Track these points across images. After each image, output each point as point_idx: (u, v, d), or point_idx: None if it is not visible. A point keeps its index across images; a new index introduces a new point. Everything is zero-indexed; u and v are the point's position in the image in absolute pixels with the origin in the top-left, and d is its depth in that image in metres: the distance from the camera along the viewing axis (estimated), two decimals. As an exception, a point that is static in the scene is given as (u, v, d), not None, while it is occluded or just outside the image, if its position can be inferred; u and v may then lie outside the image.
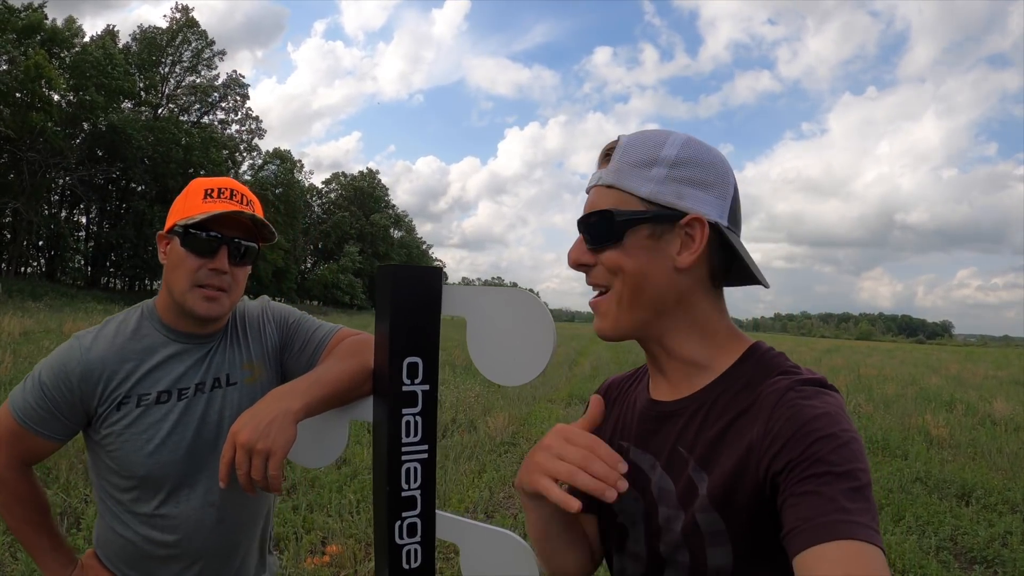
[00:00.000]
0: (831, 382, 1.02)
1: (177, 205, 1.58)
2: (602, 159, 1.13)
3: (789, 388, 0.98)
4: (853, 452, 0.87)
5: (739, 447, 0.98)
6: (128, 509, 1.57)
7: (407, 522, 1.27)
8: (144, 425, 1.53)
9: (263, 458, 1.19)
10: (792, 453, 0.89)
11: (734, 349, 1.10)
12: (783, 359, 1.08)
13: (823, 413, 0.92)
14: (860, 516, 0.81)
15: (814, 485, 0.84)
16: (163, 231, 1.59)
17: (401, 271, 1.20)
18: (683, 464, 1.06)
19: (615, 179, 1.07)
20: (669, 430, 1.11)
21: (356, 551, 4.67)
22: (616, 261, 1.06)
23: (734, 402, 1.03)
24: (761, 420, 0.96)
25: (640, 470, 1.14)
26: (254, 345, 1.68)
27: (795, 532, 0.83)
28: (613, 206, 1.06)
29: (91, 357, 1.52)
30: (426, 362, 1.23)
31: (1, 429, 1.54)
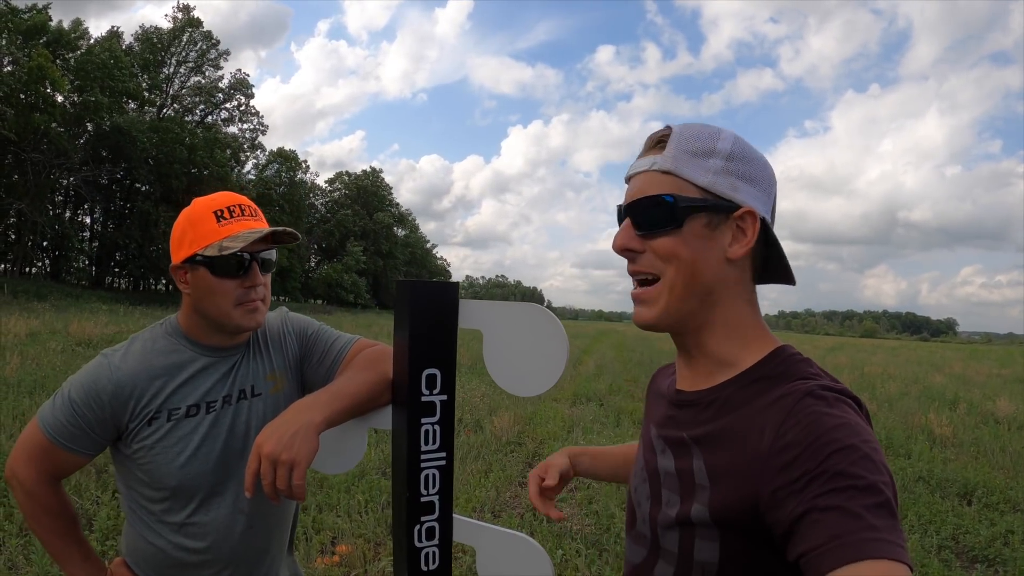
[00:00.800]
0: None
1: (188, 234, 1.58)
2: (652, 146, 1.10)
3: (807, 393, 0.95)
4: (875, 464, 0.84)
5: (745, 447, 0.97)
6: (159, 519, 1.62)
7: (426, 526, 1.33)
8: (175, 438, 1.58)
9: (287, 468, 1.24)
10: (808, 464, 0.86)
11: (760, 348, 1.09)
12: (807, 364, 1.05)
13: (842, 423, 0.89)
14: (888, 533, 0.78)
15: (839, 500, 0.81)
16: (176, 263, 1.60)
17: (419, 286, 1.26)
18: (687, 452, 1.07)
19: (673, 165, 1.05)
20: (683, 418, 1.12)
21: (365, 551, 4.72)
22: (672, 248, 1.05)
23: (748, 400, 1.03)
24: (774, 423, 0.94)
25: (652, 452, 1.17)
26: (276, 357, 1.74)
27: (821, 550, 0.80)
28: (666, 191, 1.05)
29: (121, 375, 1.56)
30: (444, 373, 1.30)
31: (31, 445, 1.59)
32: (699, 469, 1.03)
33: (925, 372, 23.44)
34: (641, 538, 1.16)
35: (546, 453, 7.96)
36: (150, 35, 52.85)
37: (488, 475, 6.85)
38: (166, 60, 53.69)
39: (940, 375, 22.31)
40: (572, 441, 8.60)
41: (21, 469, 1.60)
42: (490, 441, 8.30)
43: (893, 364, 27.34)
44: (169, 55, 53.72)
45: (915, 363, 29.49)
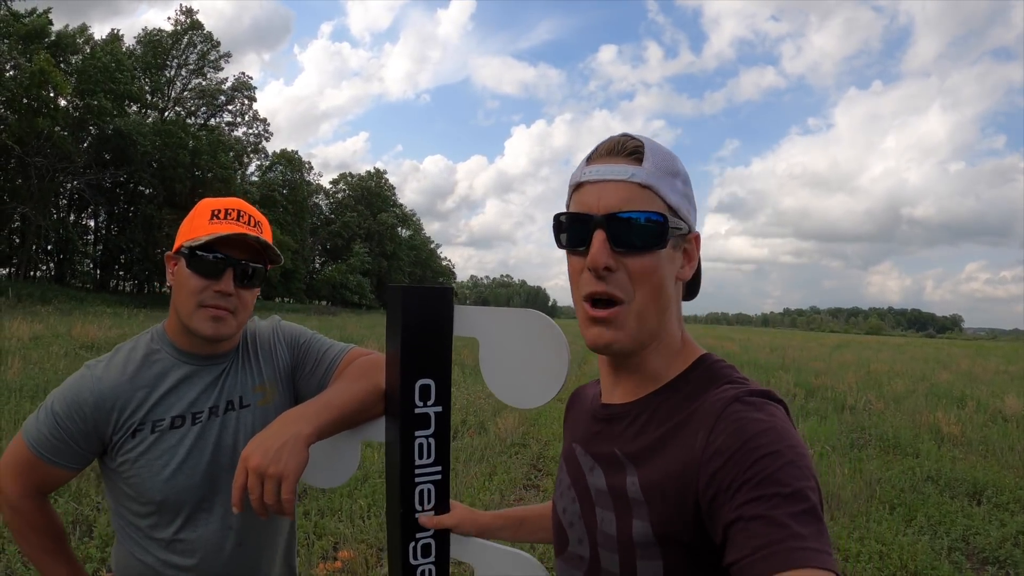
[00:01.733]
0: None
1: (184, 226, 1.57)
2: (623, 154, 1.04)
3: (734, 399, 0.95)
4: (801, 470, 0.84)
5: (677, 458, 0.96)
6: (147, 535, 1.57)
7: (421, 543, 1.28)
8: (159, 451, 1.53)
9: (275, 482, 1.19)
10: (736, 470, 0.86)
11: (686, 358, 1.09)
12: (731, 370, 1.06)
13: (769, 428, 0.89)
14: (814, 541, 0.78)
15: (763, 508, 0.81)
16: (170, 252, 1.58)
17: (410, 292, 1.21)
18: (619, 467, 1.04)
19: (655, 181, 1.02)
20: (610, 433, 1.10)
21: (368, 556, 4.68)
22: (649, 268, 1.02)
23: (676, 409, 1.02)
24: (703, 430, 0.94)
25: (580, 470, 1.14)
26: (266, 366, 1.68)
27: (748, 561, 0.80)
28: (653, 208, 1.01)
29: (103, 387, 1.51)
30: (438, 384, 1.24)
31: (16, 459, 1.55)
32: (632, 484, 1.01)
33: (931, 369, 23.35)
34: (576, 559, 1.12)
35: (551, 454, 7.94)
36: (152, 37, 52.93)
37: (492, 478, 6.83)
38: (167, 63, 53.78)
39: (947, 372, 22.22)
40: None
41: (7, 483, 1.56)
42: (494, 443, 8.28)
43: (899, 361, 27.25)
44: (170, 58, 53.82)
45: (921, 360, 29.41)
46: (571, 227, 1.06)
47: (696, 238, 1.09)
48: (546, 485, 6.87)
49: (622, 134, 1.07)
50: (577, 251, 1.06)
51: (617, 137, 1.07)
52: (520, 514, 1.48)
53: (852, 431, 10.22)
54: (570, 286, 1.10)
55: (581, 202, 1.05)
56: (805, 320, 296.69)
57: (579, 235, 1.04)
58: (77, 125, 42.63)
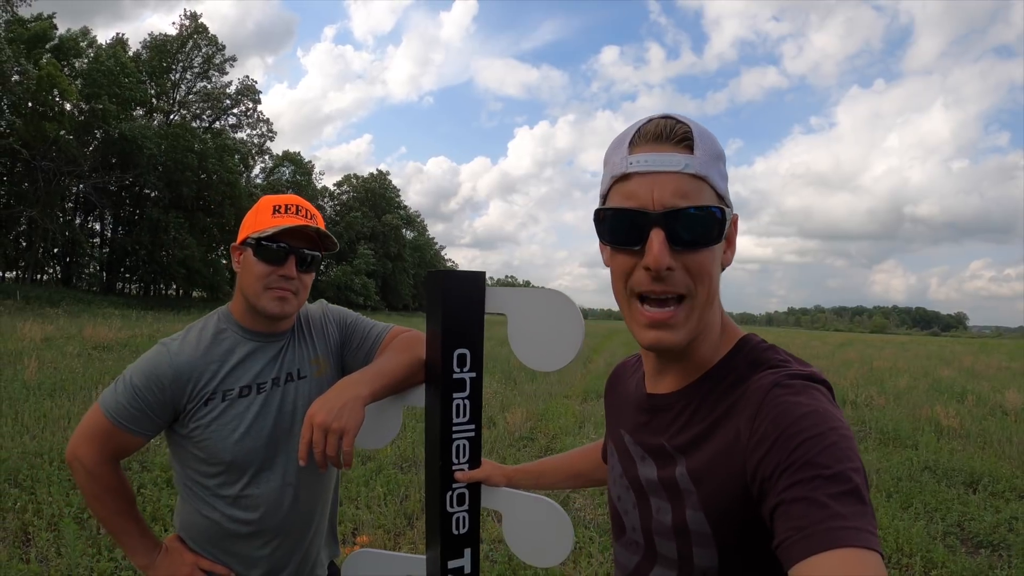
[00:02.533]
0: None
1: (248, 219, 1.78)
2: (674, 141, 0.98)
3: (775, 384, 0.94)
4: (843, 451, 0.83)
5: (724, 446, 0.96)
6: (214, 493, 1.78)
7: (457, 492, 1.48)
8: (229, 417, 1.73)
9: (337, 436, 1.40)
10: (779, 456, 0.86)
11: (727, 341, 1.08)
12: (773, 352, 1.04)
13: (810, 411, 0.88)
14: (855, 520, 0.77)
15: (804, 490, 0.81)
16: (236, 243, 1.80)
17: (450, 275, 1.41)
18: (669, 459, 1.06)
19: (707, 170, 0.97)
20: (658, 424, 1.10)
21: (385, 541, 4.86)
22: (707, 264, 0.98)
23: (721, 398, 1.01)
24: (746, 419, 0.94)
25: (631, 460, 1.17)
26: (319, 343, 1.89)
27: (789, 542, 0.80)
28: (709, 202, 0.97)
29: (180, 361, 1.71)
30: (473, 353, 1.44)
31: (95, 428, 1.73)
32: (682, 475, 1.02)
33: (934, 366, 23.45)
34: (633, 545, 1.16)
35: (558, 448, 8.07)
36: (157, 42, 53.06)
37: (502, 469, 6.92)
38: (172, 66, 53.91)
39: (949, 369, 22.30)
40: (583, 436, 8.72)
41: (83, 451, 1.74)
42: (503, 436, 8.43)
43: (902, 359, 27.32)
44: (175, 61, 53.94)
45: (924, 357, 29.46)
46: (620, 223, 1.00)
47: (735, 220, 1.06)
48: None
49: (665, 116, 1.01)
50: (629, 249, 1.00)
51: (661, 120, 1.00)
52: (539, 467, 1.68)
53: (852, 425, 10.26)
54: (613, 283, 1.06)
55: (630, 195, 0.98)
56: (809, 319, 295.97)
57: (631, 233, 0.99)
58: (83, 129, 42.76)
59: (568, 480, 1.67)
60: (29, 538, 4.62)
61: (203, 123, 56.16)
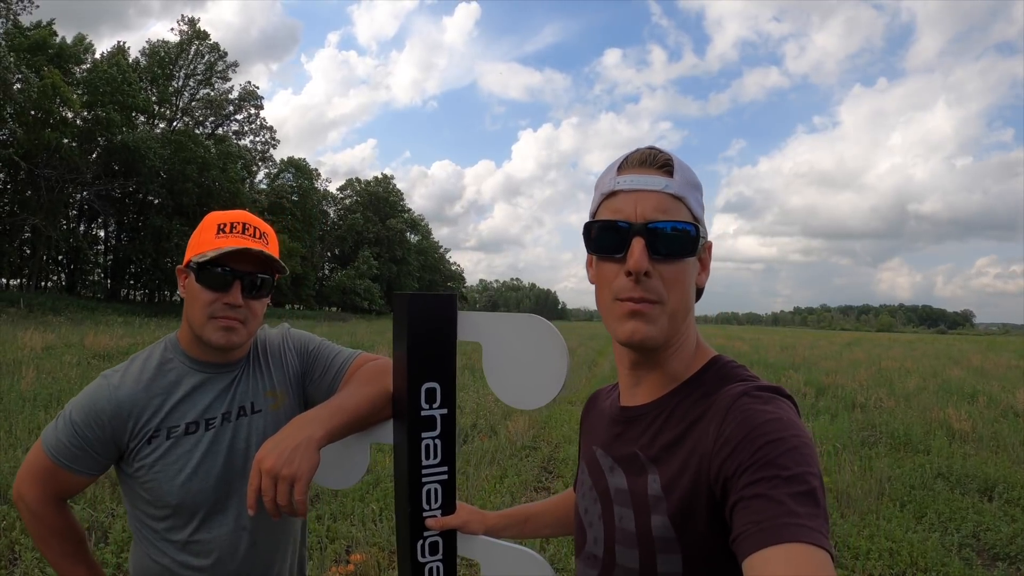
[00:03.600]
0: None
1: (192, 240, 1.62)
2: (655, 166, 1.09)
3: (743, 393, 1.00)
4: (803, 456, 0.88)
5: (692, 452, 1.00)
6: (163, 537, 1.62)
7: (429, 541, 1.33)
8: (174, 456, 1.58)
9: (288, 484, 1.25)
10: (742, 456, 0.90)
11: (699, 359, 1.14)
12: (742, 370, 1.11)
13: (774, 418, 0.93)
14: (808, 520, 0.81)
15: (763, 488, 0.85)
16: (181, 265, 1.63)
17: (416, 299, 1.25)
18: (639, 466, 1.09)
19: (685, 193, 1.08)
20: (631, 434, 1.14)
21: (380, 559, 4.72)
22: (681, 275, 1.07)
23: (692, 408, 1.06)
24: (714, 424, 0.98)
25: (600, 472, 1.18)
26: (276, 373, 1.73)
27: (744, 535, 0.84)
28: (686, 219, 1.07)
29: (120, 395, 1.57)
30: (443, 387, 1.29)
31: (36, 466, 1.60)
32: (654, 483, 1.05)
33: (943, 365, 23.29)
34: (591, 558, 1.17)
35: (561, 457, 7.96)
36: (157, 49, 53.18)
37: (503, 480, 6.85)
38: (174, 73, 54.04)
39: (958, 368, 22.15)
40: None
41: (27, 490, 1.61)
42: (505, 446, 8.30)
43: (910, 358, 27.18)
44: (177, 68, 54.07)
45: (932, 356, 29.34)
46: (606, 234, 1.09)
47: (709, 247, 1.16)
48: (556, 487, 6.89)
49: (649, 147, 1.12)
50: (612, 257, 1.09)
51: (646, 150, 1.11)
52: (524, 512, 1.53)
53: (863, 429, 10.22)
54: (597, 290, 1.14)
55: (616, 210, 1.08)
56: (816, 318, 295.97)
57: (615, 242, 1.08)
58: (85, 137, 42.87)
59: (555, 527, 1.54)
60: (16, 557, 4.49)
61: (206, 130, 56.27)
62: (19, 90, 36.24)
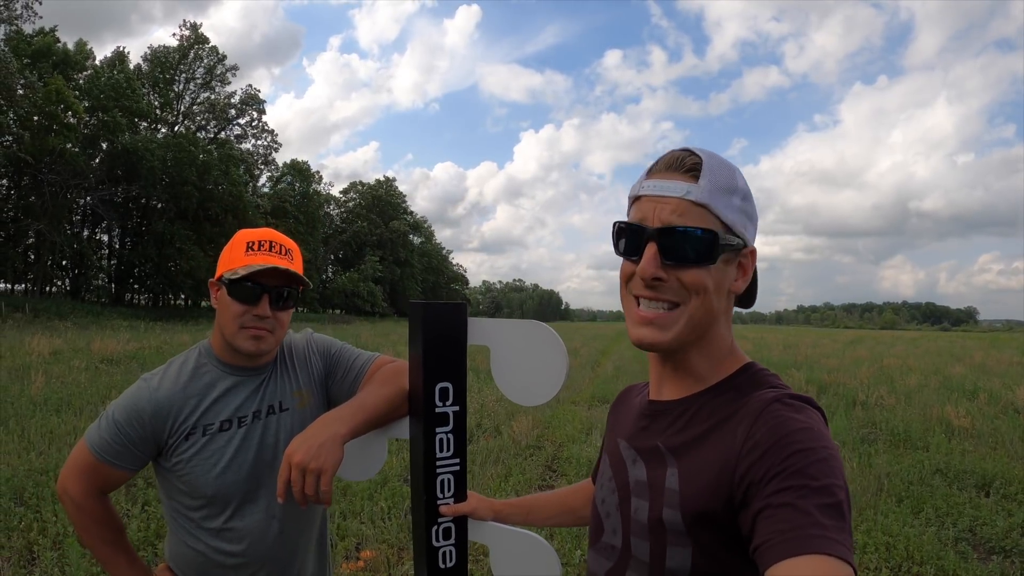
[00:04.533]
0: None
1: (224, 256, 1.77)
2: (681, 171, 1.09)
3: (775, 399, 1.00)
4: (831, 468, 0.88)
5: (718, 451, 1.01)
6: (199, 525, 1.78)
7: (442, 527, 1.46)
8: (210, 451, 1.73)
9: (315, 476, 1.39)
10: (770, 462, 0.90)
11: (732, 364, 1.14)
12: (775, 378, 1.11)
13: (806, 427, 0.94)
14: (834, 532, 0.81)
15: (790, 497, 0.85)
16: (213, 279, 1.78)
17: (431, 308, 1.38)
18: (661, 460, 1.10)
19: (709, 199, 1.06)
20: (656, 427, 1.16)
21: (389, 555, 4.83)
22: (701, 281, 1.06)
23: (721, 408, 1.07)
24: (744, 426, 0.99)
25: (623, 463, 1.20)
26: (302, 374, 1.88)
27: (768, 544, 0.84)
28: (704, 225, 1.06)
29: (160, 396, 1.72)
30: (455, 386, 1.42)
31: (80, 463, 1.75)
32: (672, 476, 1.06)
33: (945, 363, 23.31)
34: (608, 549, 1.19)
35: (565, 456, 8.05)
36: (158, 54, 53.31)
37: (508, 479, 6.94)
38: (175, 77, 54.16)
39: (960, 365, 22.15)
40: (591, 443, 8.65)
41: (71, 485, 1.75)
42: (509, 445, 8.39)
43: (913, 356, 27.16)
44: (178, 72, 54.17)
45: (935, 354, 29.34)
46: (627, 236, 1.12)
47: (752, 252, 1.15)
48: (560, 486, 6.91)
49: (683, 149, 1.12)
50: (631, 259, 1.12)
51: (678, 152, 1.11)
52: (530, 502, 1.64)
53: (863, 426, 10.30)
54: (620, 286, 1.17)
55: (638, 214, 1.11)
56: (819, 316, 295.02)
57: (633, 244, 1.11)
58: (88, 141, 43.00)
59: (559, 516, 1.62)
60: (34, 557, 4.61)
61: (208, 134, 56.38)
62: (23, 96, 36.37)
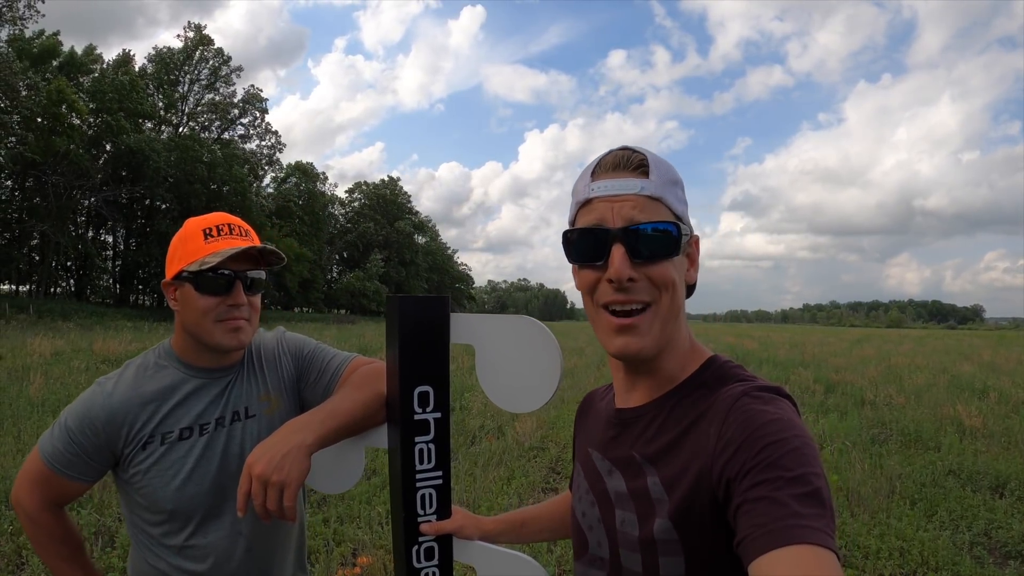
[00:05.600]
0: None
1: (178, 251, 1.60)
2: (629, 168, 1.07)
3: (743, 394, 0.99)
4: (805, 456, 0.87)
5: (693, 453, 0.99)
6: (160, 542, 1.62)
7: (424, 546, 1.31)
8: (169, 462, 1.57)
9: (278, 490, 1.24)
10: (744, 458, 0.89)
11: (695, 360, 1.12)
12: (740, 369, 1.10)
13: (775, 418, 0.92)
14: (813, 521, 0.80)
15: (767, 490, 0.84)
16: (167, 279, 1.62)
17: (408, 301, 1.23)
18: (638, 470, 1.07)
19: (662, 192, 1.06)
20: (627, 436, 1.12)
21: (387, 562, 4.70)
22: (669, 274, 1.05)
23: (691, 408, 1.05)
24: (715, 425, 0.97)
25: (598, 474, 1.16)
26: (271, 377, 1.72)
27: (749, 539, 0.83)
28: (664, 218, 1.05)
29: (114, 402, 1.56)
30: (437, 391, 1.26)
31: (33, 473, 1.60)
32: (654, 484, 1.03)
33: (953, 361, 23.18)
34: (598, 561, 1.15)
35: (569, 457, 7.90)
36: (163, 55, 53.45)
37: (511, 482, 6.83)
38: (180, 79, 54.28)
39: (968, 363, 22.04)
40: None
41: (24, 497, 1.61)
42: (512, 447, 8.27)
43: (920, 354, 27.05)
44: (182, 74, 54.30)
45: (942, 352, 29.21)
46: (585, 242, 1.08)
47: (696, 241, 1.14)
48: (564, 488, 6.85)
49: (622, 147, 1.10)
50: (593, 265, 1.07)
51: (619, 151, 1.10)
52: (521, 517, 1.52)
53: (872, 426, 10.15)
54: (583, 297, 1.13)
55: (592, 217, 1.07)
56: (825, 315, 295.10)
57: (594, 249, 1.06)
58: (92, 142, 43.09)
59: (553, 530, 1.52)
60: (24, 561, 4.54)
61: (211, 134, 56.47)
62: (26, 96, 36.42)
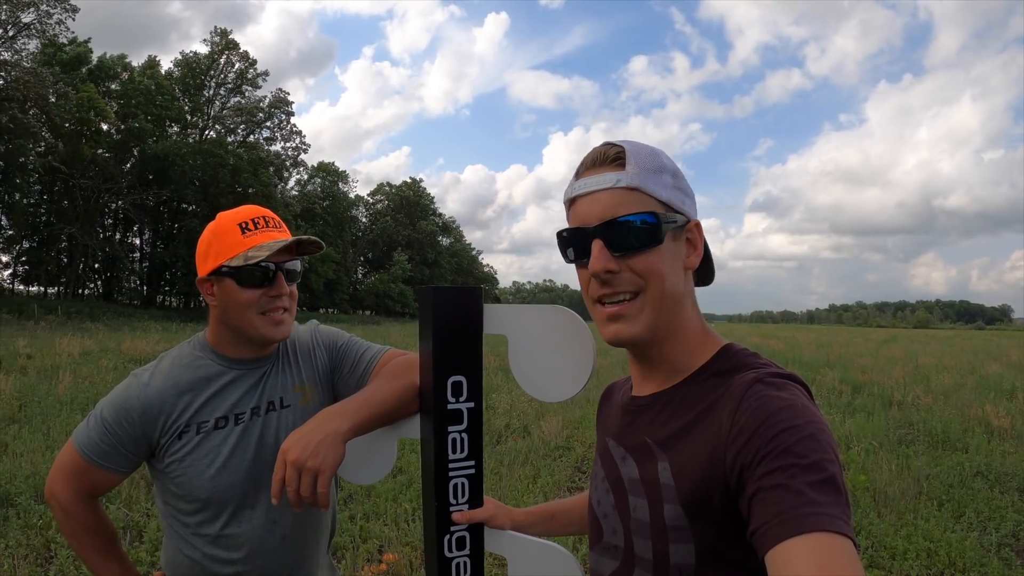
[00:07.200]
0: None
1: (213, 246, 1.60)
2: (606, 163, 1.08)
3: (757, 380, 0.98)
4: (820, 443, 0.87)
5: (706, 439, 0.99)
6: (194, 531, 1.63)
7: (456, 536, 1.31)
8: (204, 451, 1.59)
9: (312, 476, 1.25)
10: (757, 445, 0.89)
11: (709, 348, 1.12)
12: (755, 357, 1.09)
13: (789, 405, 0.92)
14: (829, 508, 0.80)
15: (782, 478, 0.84)
16: (202, 276, 1.63)
17: (440, 292, 1.25)
18: (650, 456, 1.07)
19: (640, 181, 1.06)
20: (640, 423, 1.13)
21: (412, 559, 4.72)
22: (653, 264, 1.05)
23: (703, 396, 1.05)
24: (728, 412, 0.97)
25: (613, 462, 1.17)
26: (305, 368, 1.74)
27: (764, 527, 0.82)
28: (642, 209, 1.05)
29: (150, 393, 1.58)
30: (470, 380, 1.28)
31: (68, 464, 1.62)
32: (664, 470, 1.04)
33: (980, 361, 22.84)
34: (612, 550, 1.15)
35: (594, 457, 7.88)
36: (189, 60, 53.96)
37: (536, 481, 6.81)
38: (206, 83, 54.74)
39: (996, 364, 21.65)
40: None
41: (59, 489, 1.62)
42: (538, 446, 8.25)
43: (948, 354, 26.70)
44: (209, 78, 54.77)
45: (970, 352, 28.83)
46: (572, 241, 1.11)
47: (697, 226, 1.13)
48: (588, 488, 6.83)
49: (603, 143, 1.12)
50: (583, 263, 1.10)
51: (599, 147, 1.12)
52: (551, 509, 1.52)
53: (900, 427, 10.01)
54: (583, 297, 1.14)
55: (576, 216, 1.10)
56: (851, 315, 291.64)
57: (581, 248, 1.09)
58: (120, 147, 43.57)
59: (583, 522, 1.51)
60: (52, 555, 4.59)
61: (237, 137, 56.86)
62: (55, 103, 36.88)
